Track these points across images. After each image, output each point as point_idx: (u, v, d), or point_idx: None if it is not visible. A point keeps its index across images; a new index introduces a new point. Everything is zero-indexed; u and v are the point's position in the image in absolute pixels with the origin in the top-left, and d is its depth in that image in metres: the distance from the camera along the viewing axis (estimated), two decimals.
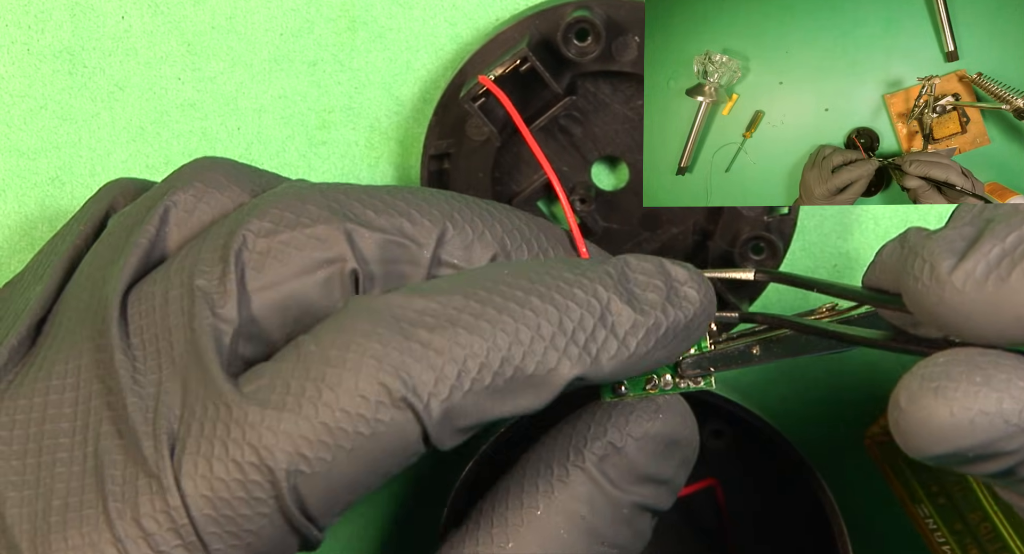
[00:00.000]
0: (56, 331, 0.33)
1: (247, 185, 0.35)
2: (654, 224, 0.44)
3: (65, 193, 0.45)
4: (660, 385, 0.35)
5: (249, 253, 0.32)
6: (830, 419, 0.47)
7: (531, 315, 0.31)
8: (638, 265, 0.33)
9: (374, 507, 0.48)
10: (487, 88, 0.39)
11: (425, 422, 0.30)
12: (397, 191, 0.34)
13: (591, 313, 0.31)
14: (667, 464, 0.35)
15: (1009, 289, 0.28)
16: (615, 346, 0.31)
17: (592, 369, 0.31)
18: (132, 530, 0.29)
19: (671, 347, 0.33)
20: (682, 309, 0.32)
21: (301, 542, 0.31)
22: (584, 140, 0.43)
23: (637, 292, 0.32)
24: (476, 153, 0.42)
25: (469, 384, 0.30)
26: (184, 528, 0.29)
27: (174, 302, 0.31)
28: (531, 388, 0.31)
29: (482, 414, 0.30)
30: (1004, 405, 0.28)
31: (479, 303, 0.31)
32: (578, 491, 0.34)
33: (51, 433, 0.31)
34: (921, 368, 0.29)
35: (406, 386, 0.29)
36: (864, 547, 0.44)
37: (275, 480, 0.29)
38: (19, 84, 0.44)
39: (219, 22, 0.44)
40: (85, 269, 0.34)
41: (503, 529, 0.33)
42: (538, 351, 0.31)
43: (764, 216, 0.42)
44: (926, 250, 0.30)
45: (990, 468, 0.29)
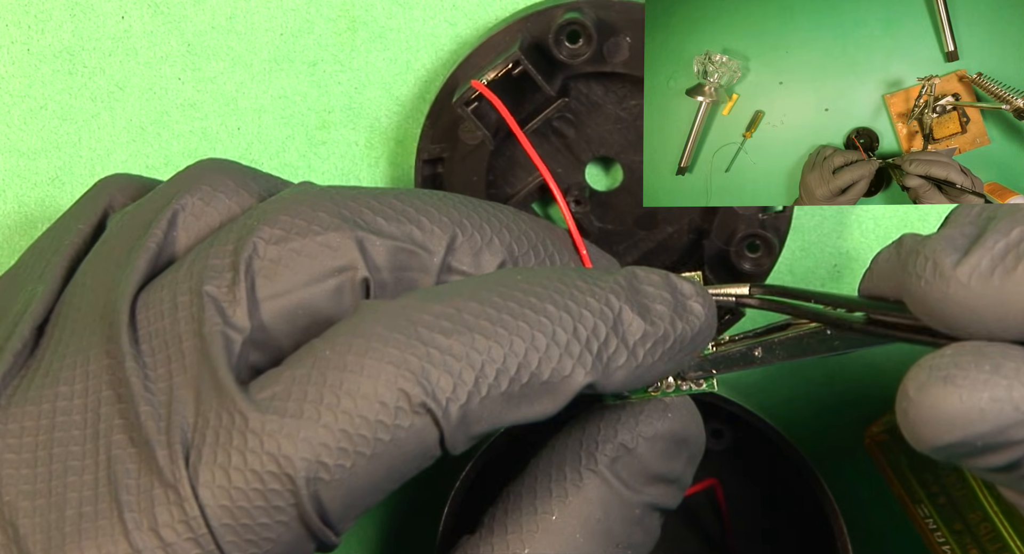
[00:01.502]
0: (60, 335, 0.32)
1: (254, 189, 0.34)
2: (650, 223, 0.44)
3: (65, 193, 0.45)
4: (663, 388, 0.35)
5: (260, 261, 0.32)
6: (830, 419, 0.47)
7: (546, 322, 0.31)
8: (646, 277, 0.33)
9: (374, 507, 0.48)
10: (480, 92, 0.39)
11: (443, 427, 0.30)
12: (406, 196, 0.34)
13: (604, 322, 0.31)
14: (676, 462, 0.35)
15: (1016, 282, 0.28)
16: (625, 355, 0.31)
17: (603, 377, 0.31)
18: (150, 540, 0.29)
19: (676, 360, 0.33)
20: (689, 323, 0.33)
21: (317, 546, 0.31)
22: (577, 141, 0.43)
23: (647, 303, 0.32)
24: (470, 157, 0.42)
25: (487, 390, 0.30)
26: (204, 538, 0.29)
27: (183, 308, 0.31)
28: (545, 394, 0.31)
29: (497, 419, 0.30)
30: (1014, 392, 0.28)
31: (495, 309, 0.31)
32: (592, 495, 0.34)
33: (61, 441, 0.30)
34: (929, 360, 0.29)
35: (425, 392, 0.29)
36: (864, 547, 0.44)
37: (295, 488, 0.29)
38: (19, 84, 0.44)
39: (219, 22, 0.44)
40: (89, 271, 0.34)
41: (518, 535, 0.34)
42: (554, 357, 0.31)
43: (759, 214, 0.42)
44: (928, 248, 0.30)
45: (997, 460, 0.29)
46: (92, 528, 0.29)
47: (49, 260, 0.35)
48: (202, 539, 0.29)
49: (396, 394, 0.29)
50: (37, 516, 0.29)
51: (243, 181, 0.35)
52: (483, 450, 0.42)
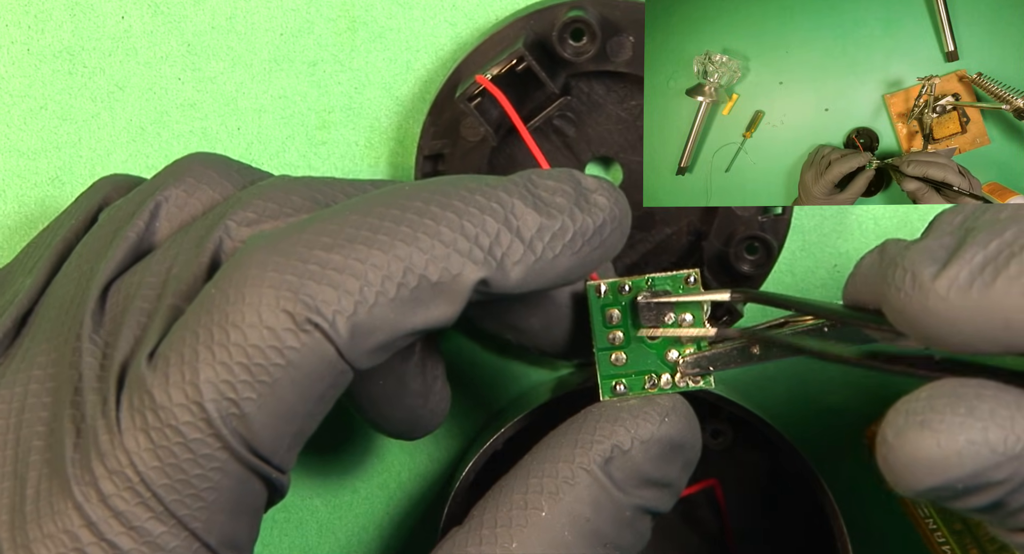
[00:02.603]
0: (41, 323, 0.33)
1: (238, 180, 0.35)
2: (647, 224, 0.44)
3: (65, 193, 0.45)
4: (660, 384, 0.35)
5: (231, 242, 0.32)
6: (830, 419, 0.47)
7: (430, 222, 0.31)
8: (546, 174, 0.33)
9: (374, 507, 0.48)
10: (483, 88, 0.39)
11: (336, 341, 0.30)
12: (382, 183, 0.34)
13: (494, 217, 0.31)
14: (671, 467, 0.35)
15: (995, 294, 0.28)
16: (521, 250, 0.31)
17: (498, 274, 0.31)
18: (102, 511, 0.30)
19: (581, 255, 0.32)
20: (591, 215, 0.32)
21: (266, 486, 0.31)
22: (578, 141, 0.43)
23: (544, 196, 0.32)
24: (471, 154, 0.42)
25: (374, 297, 0.30)
26: (151, 500, 0.30)
27: (149, 288, 0.32)
28: (439, 296, 0.31)
29: (393, 327, 0.30)
30: (989, 434, 0.28)
31: (377, 218, 0.31)
32: (583, 493, 0.34)
33: (29, 422, 0.31)
34: (905, 403, 0.29)
35: (308, 308, 0.29)
36: (864, 547, 0.44)
37: (214, 431, 0.29)
38: (19, 84, 0.44)
39: (219, 22, 0.44)
40: (74, 261, 0.34)
41: (507, 529, 0.33)
42: (440, 256, 0.30)
43: (758, 216, 0.42)
44: (906, 260, 0.29)
45: (981, 500, 0.29)
46: (48, 506, 0.30)
47: (40, 254, 0.35)
48: (150, 502, 0.30)
49: (280, 316, 0.29)
50: (4, 497, 0.31)
51: (227, 173, 0.35)
52: (483, 450, 0.42)
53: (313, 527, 0.48)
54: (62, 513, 0.30)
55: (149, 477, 0.29)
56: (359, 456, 0.48)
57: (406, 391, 0.38)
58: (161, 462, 0.29)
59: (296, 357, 0.30)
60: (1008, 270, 0.28)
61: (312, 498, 0.48)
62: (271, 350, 0.30)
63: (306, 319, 0.29)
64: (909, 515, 0.43)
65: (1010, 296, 0.28)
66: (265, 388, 0.30)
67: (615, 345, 0.35)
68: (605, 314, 0.35)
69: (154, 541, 0.30)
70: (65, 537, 0.29)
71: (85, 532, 0.29)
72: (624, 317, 0.35)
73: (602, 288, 0.35)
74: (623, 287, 0.35)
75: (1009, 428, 0.28)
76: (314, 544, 0.48)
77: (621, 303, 0.35)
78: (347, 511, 0.48)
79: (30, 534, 0.30)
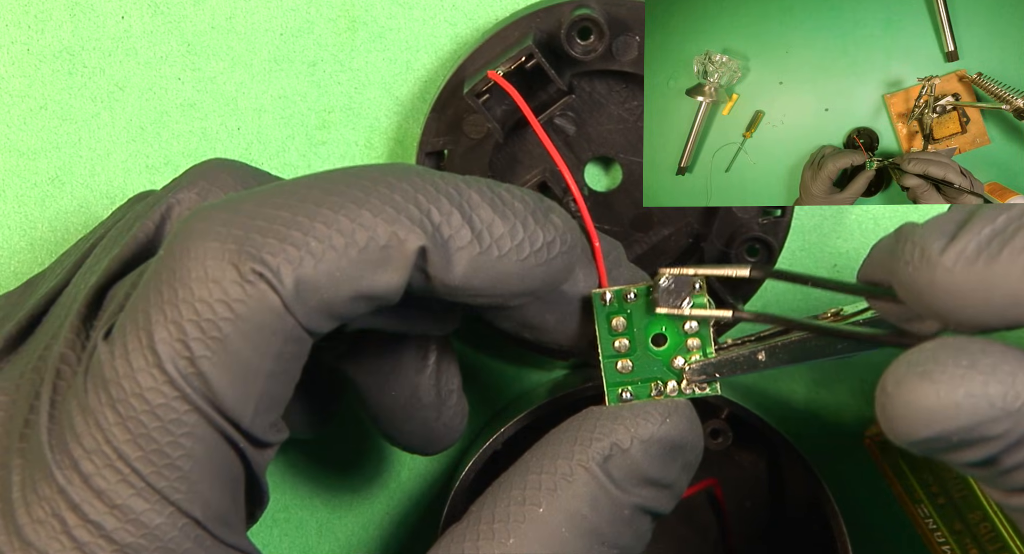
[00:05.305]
0: (48, 321, 0.34)
1: (252, 185, 0.35)
2: (646, 225, 0.44)
3: (65, 193, 0.45)
4: (666, 392, 0.35)
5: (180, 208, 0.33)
6: (830, 419, 0.47)
7: (384, 190, 0.31)
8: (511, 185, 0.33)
9: (374, 507, 0.48)
10: (493, 84, 0.39)
11: (280, 292, 0.29)
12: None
13: (449, 199, 0.31)
14: (671, 468, 0.35)
15: (1000, 266, 0.28)
16: (468, 237, 0.31)
17: (442, 254, 0.31)
18: (84, 493, 0.30)
19: (526, 265, 0.32)
20: (544, 228, 0.32)
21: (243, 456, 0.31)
22: (578, 140, 0.43)
23: (504, 196, 0.32)
24: (473, 150, 0.42)
25: (321, 252, 0.30)
26: (131, 477, 0.30)
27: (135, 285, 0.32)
28: (386, 263, 0.30)
29: (339, 287, 0.30)
30: (990, 388, 0.28)
31: (329, 182, 0.31)
32: (581, 490, 0.33)
33: (19, 413, 0.32)
34: (908, 355, 0.29)
35: (253, 258, 0.29)
36: (864, 547, 0.44)
37: (180, 393, 0.29)
38: (19, 84, 0.44)
39: (219, 22, 0.44)
40: (88, 263, 0.35)
41: (505, 525, 0.33)
42: (390, 219, 0.30)
43: (758, 218, 0.42)
44: (916, 234, 0.29)
45: (974, 455, 0.29)
46: (33, 492, 0.30)
47: (67, 261, 0.36)
48: (130, 478, 0.30)
49: (225, 268, 0.29)
50: None
51: (242, 178, 0.35)
52: (483, 450, 0.42)
53: (313, 527, 0.48)
54: (48, 498, 0.30)
55: (124, 452, 0.29)
56: (359, 456, 0.48)
57: (419, 404, 0.38)
58: (132, 434, 0.29)
59: (243, 309, 0.29)
60: (1014, 242, 0.28)
61: (312, 498, 0.48)
62: (219, 304, 0.29)
63: (251, 269, 0.29)
64: (909, 515, 0.43)
65: (1015, 267, 0.28)
66: (217, 344, 0.29)
67: (621, 353, 0.35)
68: (611, 322, 0.35)
69: (138, 518, 0.30)
70: (55, 521, 0.30)
71: (71, 515, 0.30)
72: (630, 324, 0.35)
73: (607, 296, 0.35)
74: (628, 295, 0.35)
75: (1010, 384, 0.28)
76: (314, 544, 0.48)
77: (627, 311, 0.35)
78: (347, 511, 0.48)
79: (19, 519, 0.30)
